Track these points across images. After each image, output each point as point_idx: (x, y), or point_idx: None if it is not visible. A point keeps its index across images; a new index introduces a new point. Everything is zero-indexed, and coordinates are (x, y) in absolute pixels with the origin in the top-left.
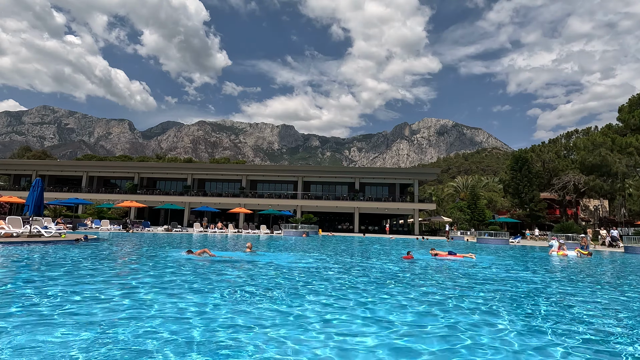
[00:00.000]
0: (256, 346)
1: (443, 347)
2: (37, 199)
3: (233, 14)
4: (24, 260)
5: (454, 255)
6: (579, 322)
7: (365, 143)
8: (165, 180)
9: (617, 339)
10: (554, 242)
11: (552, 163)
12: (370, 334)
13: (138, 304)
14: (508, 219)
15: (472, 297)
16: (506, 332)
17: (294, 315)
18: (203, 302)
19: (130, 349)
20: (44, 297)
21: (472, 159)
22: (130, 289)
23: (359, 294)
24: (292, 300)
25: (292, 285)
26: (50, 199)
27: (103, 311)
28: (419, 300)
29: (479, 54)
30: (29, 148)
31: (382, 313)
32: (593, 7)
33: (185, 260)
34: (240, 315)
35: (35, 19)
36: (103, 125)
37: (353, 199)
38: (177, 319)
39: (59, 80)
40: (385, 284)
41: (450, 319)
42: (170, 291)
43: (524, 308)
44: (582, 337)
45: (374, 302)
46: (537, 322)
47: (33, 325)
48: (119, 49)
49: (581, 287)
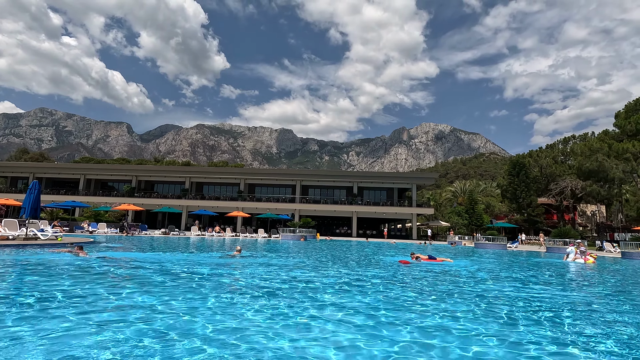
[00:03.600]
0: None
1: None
2: (33, 202)
3: (232, 17)
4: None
5: (434, 260)
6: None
7: (364, 147)
8: (163, 183)
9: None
10: (572, 248)
11: (550, 168)
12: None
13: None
14: (506, 224)
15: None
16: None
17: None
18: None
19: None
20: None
21: (470, 163)
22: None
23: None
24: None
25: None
26: (47, 202)
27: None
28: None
29: (476, 59)
30: (27, 150)
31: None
32: (589, 14)
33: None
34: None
35: (31, 19)
36: (101, 128)
37: (351, 203)
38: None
39: (56, 82)
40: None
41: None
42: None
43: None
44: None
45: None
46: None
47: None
48: (116, 50)
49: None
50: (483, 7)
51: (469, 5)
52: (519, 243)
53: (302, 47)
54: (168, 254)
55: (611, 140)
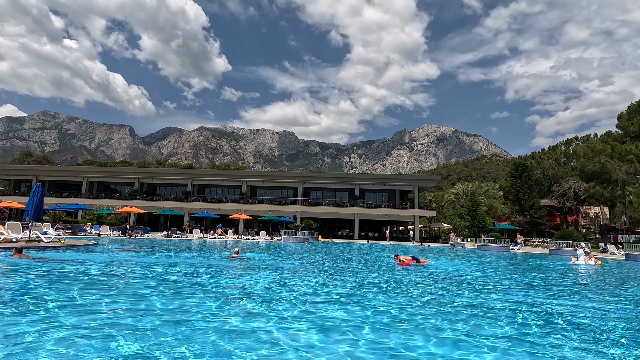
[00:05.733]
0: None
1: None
2: (37, 205)
3: (232, 19)
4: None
5: (419, 261)
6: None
7: (365, 149)
8: (165, 186)
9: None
10: (581, 250)
11: (552, 170)
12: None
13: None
14: (508, 226)
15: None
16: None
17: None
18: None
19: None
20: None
21: (472, 165)
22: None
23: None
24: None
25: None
26: (50, 204)
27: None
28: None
29: (477, 60)
30: (30, 153)
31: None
32: (590, 15)
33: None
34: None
35: (33, 22)
36: (104, 130)
37: (353, 205)
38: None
39: (58, 85)
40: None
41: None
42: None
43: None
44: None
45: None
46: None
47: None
48: (117, 53)
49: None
50: (484, 9)
51: (469, 7)
52: (522, 245)
53: (303, 49)
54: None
55: (614, 141)
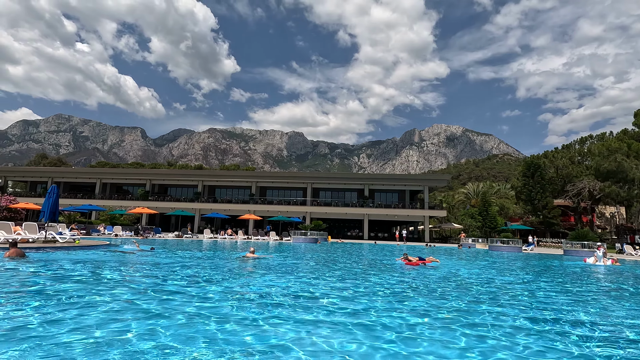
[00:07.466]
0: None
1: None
2: (52, 206)
3: (241, 21)
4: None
5: (424, 261)
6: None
7: (375, 150)
8: (176, 187)
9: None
10: (601, 251)
11: (566, 169)
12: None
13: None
14: (521, 226)
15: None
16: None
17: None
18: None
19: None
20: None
21: (483, 165)
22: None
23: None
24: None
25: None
26: (65, 206)
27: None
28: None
29: (487, 59)
30: (45, 155)
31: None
32: (604, 10)
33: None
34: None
35: (46, 27)
36: (116, 133)
37: (362, 206)
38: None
39: (71, 88)
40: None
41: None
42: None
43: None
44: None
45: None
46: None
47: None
48: (127, 56)
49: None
50: (494, 6)
51: (479, 4)
52: (534, 245)
53: (311, 49)
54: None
55: (630, 139)
